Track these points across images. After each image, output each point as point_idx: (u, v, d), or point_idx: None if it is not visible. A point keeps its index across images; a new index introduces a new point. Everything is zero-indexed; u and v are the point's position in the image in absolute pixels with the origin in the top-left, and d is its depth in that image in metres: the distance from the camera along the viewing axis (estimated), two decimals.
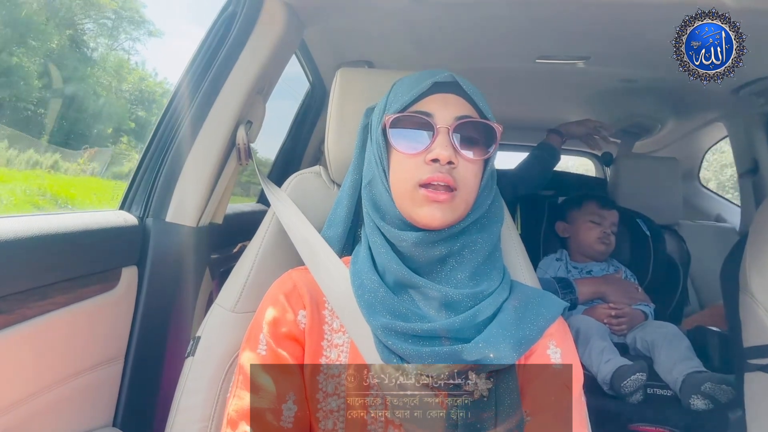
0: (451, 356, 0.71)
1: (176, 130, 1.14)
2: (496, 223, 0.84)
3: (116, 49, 10.19)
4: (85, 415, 1.03)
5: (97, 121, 7.64)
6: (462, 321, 0.73)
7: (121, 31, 10.19)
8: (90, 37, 9.64)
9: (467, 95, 0.79)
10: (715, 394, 1.42)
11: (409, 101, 0.78)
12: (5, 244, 0.80)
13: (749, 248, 1.27)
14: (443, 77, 0.78)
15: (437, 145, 0.75)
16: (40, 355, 0.90)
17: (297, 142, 2.07)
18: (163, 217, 1.11)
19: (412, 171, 0.76)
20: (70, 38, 8.71)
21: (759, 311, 1.20)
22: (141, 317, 1.10)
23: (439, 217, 0.75)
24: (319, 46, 1.60)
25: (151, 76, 10.17)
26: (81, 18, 9.50)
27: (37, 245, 0.86)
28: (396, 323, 0.73)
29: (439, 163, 0.74)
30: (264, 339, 0.77)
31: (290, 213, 0.97)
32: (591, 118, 2.00)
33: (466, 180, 0.76)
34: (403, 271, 0.77)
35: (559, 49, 1.56)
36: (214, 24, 1.18)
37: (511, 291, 0.82)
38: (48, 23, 7.81)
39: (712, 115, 2.17)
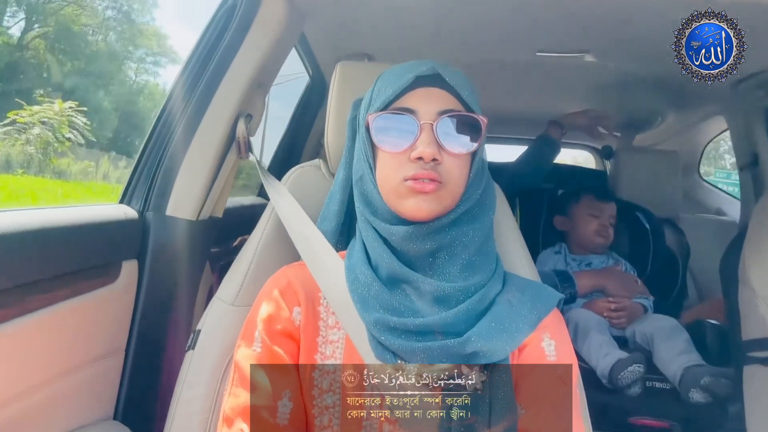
0: (444, 351, 0.71)
1: (176, 124, 1.14)
2: (487, 213, 0.83)
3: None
4: (86, 408, 1.03)
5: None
6: (455, 315, 0.73)
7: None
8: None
9: (451, 87, 0.78)
10: (714, 388, 1.43)
11: (391, 97, 0.78)
12: (5, 238, 0.80)
13: (749, 241, 1.27)
14: (424, 70, 0.77)
15: (421, 142, 0.74)
16: (41, 348, 0.90)
17: (297, 135, 2.06)
18: (163, 210, 1.11)
19: (397, 169, 0.75)
20: None
21: (758, 304, 1.20)
22: (141, 311, 1.10)
23: (425, 208, 0.74)
24: (319, 39, 1.59)
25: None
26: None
27: (38, 239, 0.86)
28: (389, 318, 0.73)
29: (423, 160, 0.74)
30: (259, 336, 0.77)
31: (289, 207, 0.96)
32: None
33: (452, 174, 0.75)
34: (395, 264, 0.76)
35: (560, 43, 1.55)
36: (213, 17, 1.17)
37: (505, 282, 0.82)
38: None
39: (713, 108, 2.16)
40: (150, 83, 18.99)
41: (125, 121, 17.23)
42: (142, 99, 19.36)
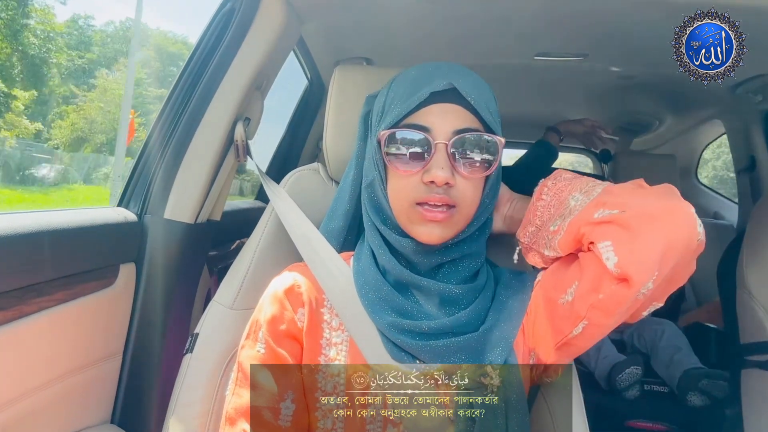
0: (464, 345, 0.73)
1: (174, 127, 1.13)
2: (492, 223, 0.85)
3: None
4: (84, 411, 1.03)
5: None
6: (468, 316, 0.75)
7: None
8: None
9: (469, 104, 0.74)
10: (712, 391, 1.43)
11: (405, 112, 0.75)
12: (3, 241, 0.80)
13: (746, 245, 1.27)
14: (442, 86, 0.74)
15: (434, 164, 0.72)
16: (38, 351, 0.90)
17: (295, 138, 2.06)
18: (161, 213, 1.11)
19: (409, 190, 0.74)
20: None
21: (756, 308, 1.20)
22: (139, 314, 1.10)
23: (437, 234, 0.74)
24: (318, 43, 1.60)
25: None
26: None
27: (36, 242, 0.86)
28: (403, 321, 0.74)
29: (435, 184, 0.72)
30: (263, 337, 0.77)
31: (289, 210, 0.96)
32: (589, 116, 2.00)
33: (465, 197, 0.74)
34: (403, 271, 0.78)
35: (558, 46, 1.55)
36: (212, 20, 1.17)
37: (496, 276, 0.84)
38: None
39: (710, 112, 2.17)
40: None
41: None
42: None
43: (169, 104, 1.16)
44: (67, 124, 19.80)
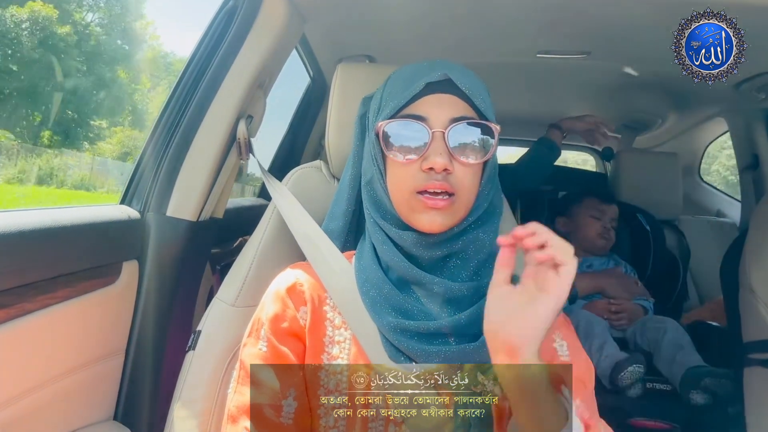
0: (459, 355, 0.72)
1: (177, 125, 1.14)
2: (496, 215, 0.84)
3: None
4: (86, 409, 1.03)
5: None
6: (468, 318, 0.74)
7: None
8: None
9: (463, 93, 0.76)
10: (714, 389, 1.43)
11: (402, 103, 0.76)
12: (6, 238, 0.80)
13: (749, 243, 1.27)
14: (437, 77, 0.76)
15: (432, 151, 0.73)
16: (41, 349, 0.90)
17: (297, 136, 2.06)
18: (163, 211, 1.11)
19: (408, 179, 0.75)
20: None
21: (759, 306, 1.20)
22: (141, 311, 1.10)
23: (439, 222, 0.74)
24: (320, 41, 1.59)
25: None
26: None
27: (38, 239, 0.86)
28: (402, 321, 0.74)
29: (434, 171, 0.73)
30: (265, 335, 0.77)
31: (292, 207, 0.96)
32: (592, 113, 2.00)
33: (464, 183, 0.75)
34: (406, 266, 0.77)
35: (560, 44, 1.55)
36: (214, 18, 1.18)
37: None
38: None
39: (713, 110, 2.16)
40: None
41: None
42: None
43: (172, 102, 1.16)
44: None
